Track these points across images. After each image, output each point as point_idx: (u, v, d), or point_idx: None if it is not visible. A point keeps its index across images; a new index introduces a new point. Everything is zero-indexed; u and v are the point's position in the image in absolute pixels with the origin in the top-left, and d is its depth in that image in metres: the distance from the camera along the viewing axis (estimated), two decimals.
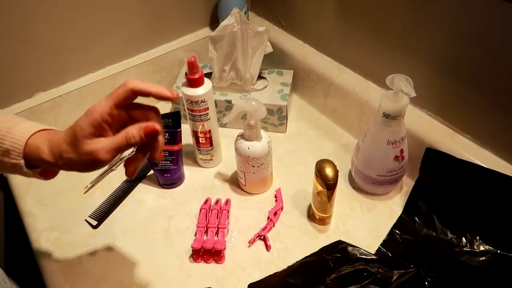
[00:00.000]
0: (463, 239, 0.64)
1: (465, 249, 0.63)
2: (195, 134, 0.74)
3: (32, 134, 0.44)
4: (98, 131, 0.41)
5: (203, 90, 0.68)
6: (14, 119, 0.46)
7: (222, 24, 0.77)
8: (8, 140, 0.43)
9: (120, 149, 0.41)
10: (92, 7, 0.78)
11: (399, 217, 0.69)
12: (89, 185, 0.77)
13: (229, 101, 0.83)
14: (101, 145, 0.41)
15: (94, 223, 0.70)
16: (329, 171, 0.60)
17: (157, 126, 0.42)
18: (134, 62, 0.89)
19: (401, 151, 0.65)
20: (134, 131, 0.41)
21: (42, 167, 0.45)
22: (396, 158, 0.65)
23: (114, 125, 0.43)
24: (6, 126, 0.44)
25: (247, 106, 0.62)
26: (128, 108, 0.44)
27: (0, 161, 0.44)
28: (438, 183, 0.67)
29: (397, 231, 0.67)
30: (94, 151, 0.41)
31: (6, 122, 0.45)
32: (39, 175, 0.47)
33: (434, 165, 0.67)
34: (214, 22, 0.98)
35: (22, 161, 0.43)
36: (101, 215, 0.71)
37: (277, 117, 0.83)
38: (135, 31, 0.87)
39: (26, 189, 0.77)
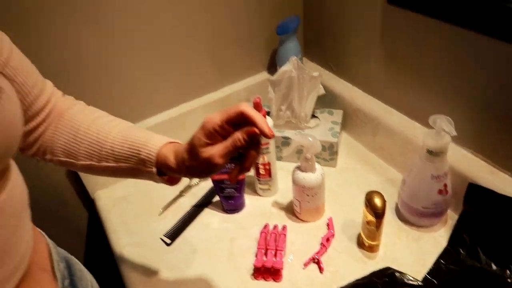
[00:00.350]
0: (507, 271, 0.68)
1: (509, 280, 0.67)
2: (256, 165, 0.84)
3: (162, 146, 0.53)
4: (211, 140, 0.48)
5: None
6: (147, 133, 0.55)
7: (282, 69, 0.88)
8: (144, 151, 0.53)
9: (230, 152, 0.48)
10: (169, 55, 0.92)
11: (445, 248, 0.74)
12: (162, 210, 0.88)
13: (285, 137, 0.93)
14: (215, 151, 0.48)
15: (168, 241, 0.81)
16: (378, 201, 0.68)
17: (257, 130, 0.47)
18: (203, 101, 1.01)
19: (445, 185, 0.71)
20: (239, 134, 0.47)
21: (168, 174, 0.54)
22: (440, 191, 0.71)
23: (224, 136, 0.49)
24: (142, 139, 0.53)
25: (304, 141, 0.72)
26: (235, 127, 0.49)
27: (137, 169, 0.54)
28: (481, 216, 0.72)
29: (442, 261, 0.72)
30: (210, 156, 0.47)
31: (142, 135, 0.54)
32: (166, 182, 0.56)
33: (477, 199, 0.72)
34: (271, 67, 1.10)
35: (154, 170, 0.53)
36: (174, 235, 0.82)
37: (328, 153, 0.92)
38: (204, 75, 1.00)
39: (110, 210, 0.89)
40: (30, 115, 0.53)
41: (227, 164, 0.50)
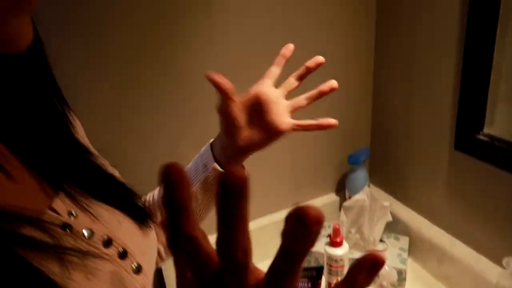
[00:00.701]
0: None
1: None
2: (329, 285, 0.90)
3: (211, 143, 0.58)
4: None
5: (342, 251, 0.86)
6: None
7: (356, 197, 0.98)
8: (201, 156, 0.58)
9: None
10: (252, 169, 1.06)
11: None
12: None
13: (354, 259, 0.99)
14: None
15: None
16: None
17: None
18: (275, 218, 1.12)
19: None
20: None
21: (224, 150, 0.57)
22: None
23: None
24: (195, 157, 0.60)
25: (381, 270, 0.78)
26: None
27: (206, 178, 0.57)
28: None
29: None
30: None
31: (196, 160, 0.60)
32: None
33: None
34: (339, 189, 1.21)
35: (215, 164, 0.56)
36: None
37: (396, 278, 0.96)
38: (279, 192, 1.12)
39: None
40: None
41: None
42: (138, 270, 0.42)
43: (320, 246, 0.96)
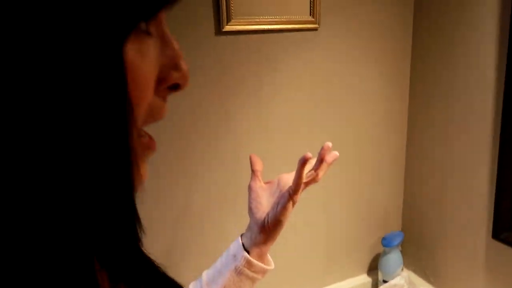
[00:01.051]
0: None
1: None
2: None
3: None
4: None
5: None
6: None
7: (392, 282, 0.99)
8: (230, 249, 0.58)
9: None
10: (289, 248, 1.07)
11: None
12: None
13: None
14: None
15: None
16: None
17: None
18: None
19: None
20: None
21: (253, 239, 0.57)
22: None
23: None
24: (224, 253, 0.59)
25: None
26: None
27: (234, 269, 0.55)
28: None
29: None
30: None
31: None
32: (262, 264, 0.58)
33: None
34: (371, 270, 1.20)
35: (245, 254, 0.55)
36: None
37: None
38: (316, 270, 1.13)
39: None
40: None
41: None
42: None
43: None
